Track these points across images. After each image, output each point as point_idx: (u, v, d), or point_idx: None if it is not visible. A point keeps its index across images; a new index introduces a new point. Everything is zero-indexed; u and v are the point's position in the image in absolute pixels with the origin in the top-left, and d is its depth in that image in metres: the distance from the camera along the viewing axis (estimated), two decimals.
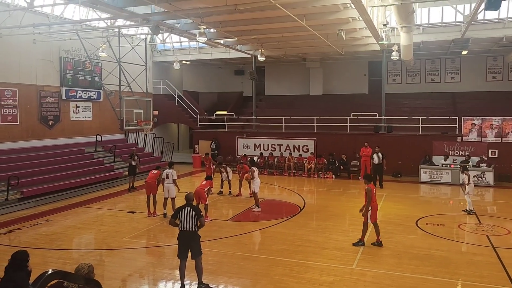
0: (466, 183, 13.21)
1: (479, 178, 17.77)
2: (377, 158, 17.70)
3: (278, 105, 26.75)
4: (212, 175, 15.28)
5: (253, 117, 24.88)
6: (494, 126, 19.11)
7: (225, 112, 26.41)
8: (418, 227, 11.73)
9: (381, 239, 9.98)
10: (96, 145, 20.07)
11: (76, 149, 19.14)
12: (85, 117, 20.60)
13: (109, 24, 18.71)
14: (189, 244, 7.49)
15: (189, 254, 7.52)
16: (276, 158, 21.84)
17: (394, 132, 21.30)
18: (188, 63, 26.67)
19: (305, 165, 20.87)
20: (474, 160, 18.83)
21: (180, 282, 7.61)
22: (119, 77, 18.20)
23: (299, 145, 22.30)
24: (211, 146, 23.32)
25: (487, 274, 8.32)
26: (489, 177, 17.85)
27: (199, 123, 25.32)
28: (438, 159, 19.31)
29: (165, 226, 11.53)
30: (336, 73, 27.37)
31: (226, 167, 16.07)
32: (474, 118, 19.51)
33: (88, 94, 20.44)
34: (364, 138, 20.29)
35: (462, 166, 14.74)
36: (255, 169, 14.01)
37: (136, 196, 16.14)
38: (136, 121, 18.95)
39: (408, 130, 21.18)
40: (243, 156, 21.12)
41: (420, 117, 20.87)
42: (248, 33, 18.04)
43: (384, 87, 22.03)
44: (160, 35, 22.56)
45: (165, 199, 12.82)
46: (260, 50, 21.01)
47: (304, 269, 8.57)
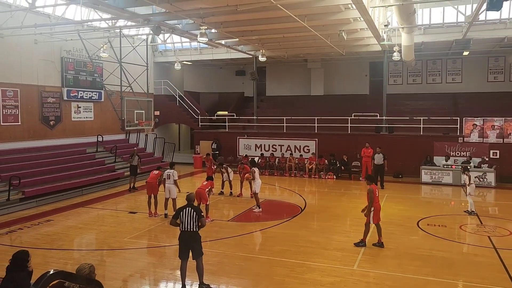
0: (467, 184, 13.20)
1: (481, 179, 17.76)
2: (378, 158, 17.69)
3: (279, 106, 26.74)
4: (212, 175, 15.29)
5: (254, 117, 24.89)
6: (495, 127, 19.09)
7: (226, 113, 26.41)
8: (420, 228, 11.72)
9: (383, 240, 9.97)
10: (97, 145, 20.11)
11: (77, 149, 19.19)
12: (87, 117, 20.63)
13: (110, 24, 18.73)
14: (190, 244, 7.49)
15: (190, 254, 7.53)
16: (277, 159, 21.83)
17: (395, 133, 21.29)
18: (189, 63, 26.68)
19: (306, 165, 20.87)
20: (476, 161, 18.81)
21: (181, 282, 7.62)
22: (120, 77, 18.22)
23: (300, 146, 22.29)
24: (212, 147, 23.32)
25: (488, 275, 8.31)
26: (491, 178, 17.82)
27: (200, 124, 25.35)
28: (439, 160, 19.29)
29: (166, 227, 11.55)
30: (337, 73, 27.37)
31: (227, 168, 16.08)
32: (476, 119, 19.48)
33: (89, 94, 20.48)
34: (365, 138, 20.28)
35: (463, 167, 14.73)
36: (256, 169, 14.02)
37: (137, 197, 16.15)
38: (137, 122, 18.97)
39: (409, 130, 21.17)
40: (244, 157, 21.11)
41: (422, 118, 20.85)
42: (249, 33, 18.04)
43: (385, 87, 22.01)
44: (161, 36, 22.52)
45: (166, 200, 12.82)
46: (261, 51, 21.00)
47: (305, 270, 8.56)
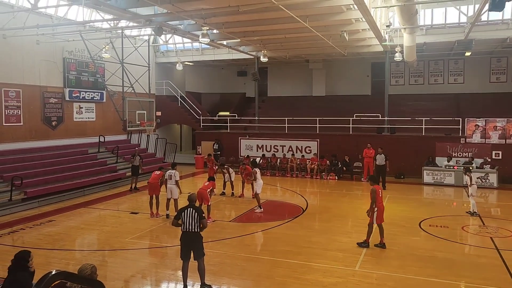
0: (468, 185, 13.17)
1: (483, 180, 17.71)
2: (380, 159, 17.67)
3: (280, 106, 26.72)
4: (214, 176, 15.28)
5: (256, 118, 24.87)
6: (498, 127, 19.04)
7: (227, 113, 26.40)
8: (422, 228, 11.70)
9: (384, 240, 9.95)
10: (99, 145, 20.13)
11: (79, 149, 19.23)
12: (88, 117, 20.66)
13: (112, 25, 18.75)
14: (191, 245, 7.49)
15: (192, 255, 7.53)
16: (278, 159, 21.82)
17: (397, 133, 21.25)
18: (191, 64, 26.69)
19: (307, 166, 20.85)
20: (478, 161, 18.77)
21: (182, 283, 7.63)
22: (122, 78, 18.23)
23: (301, 146, 22.27)
24: (214, 147, 23.31)
25: (491, 276, 8.28)
26: (493, 178, 17.78)
27: (201, 124, 25.36)
28: (441, 161, 19.23)
29: (168, 227, 11.56)
30: (339, 74, 27.34)
31: (229, 168, 16.09)
32: (478, 119, 19.43)
33: (91, 95, 20.51)
34: (367, 139, 20.25)
35: (465, 168, 14.69)
36: (257, 170, 14.02)
37: (139, 197, 16.16)
38: (139, 122, 18.98)
39: (411, 131, 21.14)
40: (245, 157, 21.11)
41: (423, 119, 20.80)
42: (251, 34, 18.04)
43: (387, 88, 21.97)
44: (163, 36, 22.60)
45: (168, 200, 12.82)
46: (263, 51, 21.00)
47: (307, 271, 8.55)
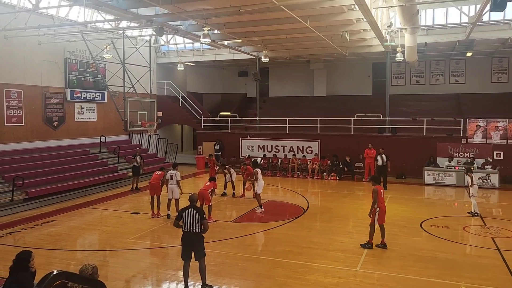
0: (469, 185, 13.15)
1: (484, 180, 17.69)
2: (381, 159, 17.65)
3: (281, 107, 26.73)
4: (215, 176, 15.29)
5: (257, 118, 24.89)
6: (499, 127, 19.01)
7: (228, 113, 26.41)
8: (423, 229, 11.68)
9: (386, 241, 9.94)
10: (101, 146, 20.15)
11: (80, 150, 19.25)
12: (90, 118, 20.69)
13: (113, 25, 18.76)
14: (192, 245, 7.49)
15: (193, 255, 7.53)
16: (279, 160, 21.82)
17: (398, 134, 21.23)
18: (192, 64, 26.71)
19: (308, 166, 20.84)
20: (479, 162, 18.74)
21: (183, 283, 7.63)
22: (124, 78, 18.24)
23: (302, 147, 22.26)
24: (215, 147, 23.34)
25: (492, 276, 8.27)
26: (494, 179, 17.75)
27: (203, 124, 25.37)
28: (442, 161, 19.20)
29: (169, 227, 11.56)
30: (340, 74, 27.33)
31: (230, 168, 16.10)
32: (479, 119, 19.40)
33: (93, 95, 20.54)
34: (368, 139, 20.24)
35: (466, 168, 14.67)
36: (259, 170, 14.01)
37: (140, 197, 16.17)
38: (140, 122, 19.00)
39: (413, 131, 21.13)
40: (246, 158, 21.11)
41: (425, 119, 20.78)
42: (252, 34, 18.05)
43: (388, 88, 21.95)
44: (164, 37, 22.62)
45: (169, 200, 12.83)
46: (264, 52, 21.00)
47: (307, 271, 8.55)
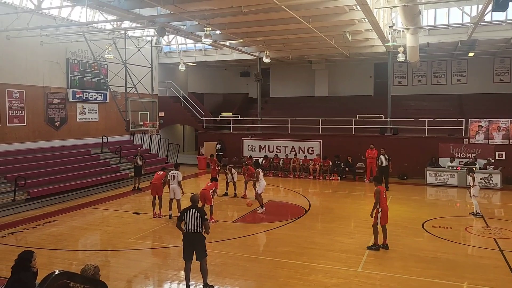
0: (471, 185, 13.13)
1: (486, 181, 17.66)
2: (383, 160, 17.62)
3: (283, 107, 26.73)
4: (217, 176, 15.29)
5: (258, 118, 24.89)
6: (501, 128, 18.97)
7: (230, 114, 26.43)
8: (425, 229, 11.66)
9: (387, 241, 9.92)
10: (102, 146, 20.19)
11: (82, 150, 19.28)
12: (91, 118, 20.72)
13: (115, 26, 18.79)
14: (194, 245, 7.49)
15: (194, 255, 7.53)
16: (281, 160, 21.82)
17: (400, 134, 21.21)
18: (193, 64, 26.73)
19: (310, 167, 20.83)
20: (481, 162, 18.69)
21: (185, 283, 7.63)
22: (125, 78, 18.25)
23: (304, 147, 22.25)
24: (217, 148, 23.34)
25: (494, 277, 8.26)
26: (497, 179, 17.71)
27: (204, 125, 25.39)
28: (444, 161, 19.18)
29: (170, 227, 11.58)
30: (341, 74, 27.33)
31: (231, 169, 16.11)
32: (481, 120, 19.37)
33: (94, 95, 20.57)
34: (369, 140, 20.22)
35: (468, 168, 14.63)
36: (260, 170, 14.02)
37: (141, 197, 16.19)
38: (141, 123, 19.02)
39: (414, 132, 21.10)
40: (248, 158, 21.10)
41: (427, 119, 20.75)
42: (253, 34, 18.06)
43: (390, 88, 21.91)
44: (165, 37, 22.63)
45: (171, 200, 12.84)
46: (265, 52, 21.01)
47: (309, 272, 8.54)
